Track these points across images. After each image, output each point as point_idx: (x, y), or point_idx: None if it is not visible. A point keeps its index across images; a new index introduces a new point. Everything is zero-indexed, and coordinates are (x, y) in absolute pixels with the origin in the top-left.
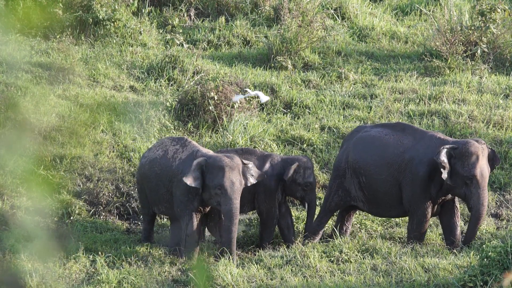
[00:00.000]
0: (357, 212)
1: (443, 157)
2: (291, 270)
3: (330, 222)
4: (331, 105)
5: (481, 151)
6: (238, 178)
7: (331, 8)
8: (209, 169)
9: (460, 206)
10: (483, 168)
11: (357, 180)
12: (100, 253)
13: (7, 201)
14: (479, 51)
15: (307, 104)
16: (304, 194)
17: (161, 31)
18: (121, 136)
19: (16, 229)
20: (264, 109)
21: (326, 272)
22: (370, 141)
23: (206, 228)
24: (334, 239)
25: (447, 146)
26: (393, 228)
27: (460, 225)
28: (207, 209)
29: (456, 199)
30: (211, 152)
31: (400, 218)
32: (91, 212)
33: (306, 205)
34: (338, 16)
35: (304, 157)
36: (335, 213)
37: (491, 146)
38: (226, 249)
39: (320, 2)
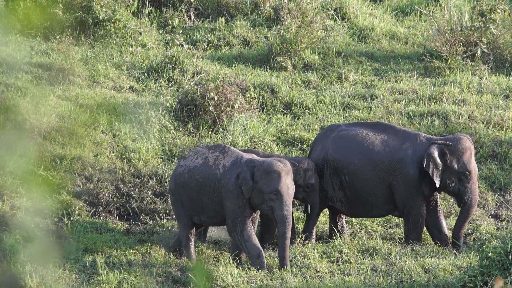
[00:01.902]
0: None
1: (435, 155)
2: (291, 270)
3: (329, 223)
4: (331, 106)
5: (473, 146)
6: (291, 182)
7: (331, 9)
8: (263, 174)
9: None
10: (475, 163)
11: (339, 179)
12: (100, 253)
13: (7, 202)
14: (479, 52)
15: (307, 105)
16: (306, 196)
17: (161, 32)
18: (121, 137)
19: (16, 230)
20: (264, 110)
21: (326, 273)
22: (352, 140)
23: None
24: (333, 239)
25: (438, 142)
26: (393, 229)
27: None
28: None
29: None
30: (255, 156)
31: (383, 218)
32: (91, 213)
33: (309, 206)
34: (338, 16)
35: (305, 158)
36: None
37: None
38: (279, 255)
39: (320, 3)
